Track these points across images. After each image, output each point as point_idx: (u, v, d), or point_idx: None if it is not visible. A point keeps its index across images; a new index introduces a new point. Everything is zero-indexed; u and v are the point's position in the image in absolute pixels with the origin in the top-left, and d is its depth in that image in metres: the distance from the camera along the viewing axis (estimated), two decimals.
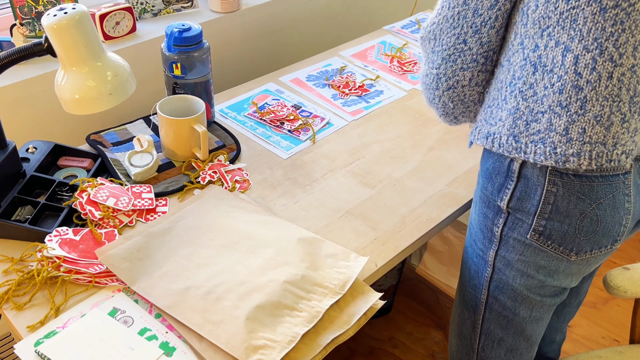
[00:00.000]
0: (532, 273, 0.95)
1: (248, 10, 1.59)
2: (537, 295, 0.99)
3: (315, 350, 0.86)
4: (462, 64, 0.88)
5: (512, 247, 0.95)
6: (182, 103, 1.22)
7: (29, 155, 1.14)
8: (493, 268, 0.99)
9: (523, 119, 0.84)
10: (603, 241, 0.89)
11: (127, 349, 0.84)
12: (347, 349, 1.80)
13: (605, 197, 0.86)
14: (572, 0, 0.76)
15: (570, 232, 0.88)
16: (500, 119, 0.87)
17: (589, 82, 0.78)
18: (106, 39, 1.37)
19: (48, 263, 0.95)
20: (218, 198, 1.10)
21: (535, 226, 0.90)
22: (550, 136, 0.82)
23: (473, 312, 1.08)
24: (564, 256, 0.91)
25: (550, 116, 0.82)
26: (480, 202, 0.98)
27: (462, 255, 1.10)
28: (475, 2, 0.84)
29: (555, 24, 0.78)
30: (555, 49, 0.79)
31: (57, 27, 0.89)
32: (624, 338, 1.90)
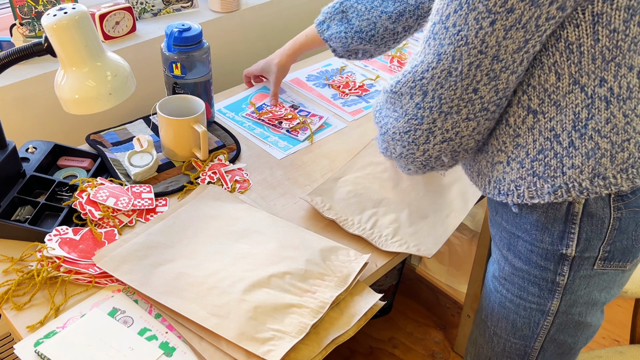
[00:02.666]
0: (596, 298, 0.91)
1: (248, 10, 1.59)
2: (595, 319, 0.94)
3: (315, 350, 0.86)
4: (467, 114, 0.77)
5: (578, 285, 0.88)
6: (182, 103, 1.22)
7: (28, 155, 1.14)
8: (556, 314, 0.92)
9: (607, 155, 0.77)
10: None
11: (127, 349, 0.84)
12: (347, 349, 1.80)
13: None
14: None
15: (629, 245, 0.86)
16: (572, 166, 0.78)
17: None
18: (106, 39, 1.37)
19: (48, 263, 0.95)
20: (215, 199, 1.10)
21: (602, 254, 0.85)
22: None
23: (520, 358, 0.99)
24: (620, 269, 0.88)
25: (637, 140, 0.77)
26: (532, 255, 0.88)
27: (490, 310, 0.99)
28: (495, 49, 0.71)
29: (627, 50, 0.72)
30: (629, 74, 0.73)
31: (56, 27, 0.89)
32: (624, 338, 1.90)
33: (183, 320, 0.88)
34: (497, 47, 0.71)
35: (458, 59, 0.73)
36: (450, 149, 0.82)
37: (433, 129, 0.79)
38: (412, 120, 0.80)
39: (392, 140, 0.85)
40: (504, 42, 0.70)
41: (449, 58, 0.73)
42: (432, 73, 0.75)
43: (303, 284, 0.92)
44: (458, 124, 0.78)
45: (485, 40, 0.70)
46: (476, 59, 0.72)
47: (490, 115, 0.78)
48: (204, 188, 1.13)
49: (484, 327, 1.01)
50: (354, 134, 1.33)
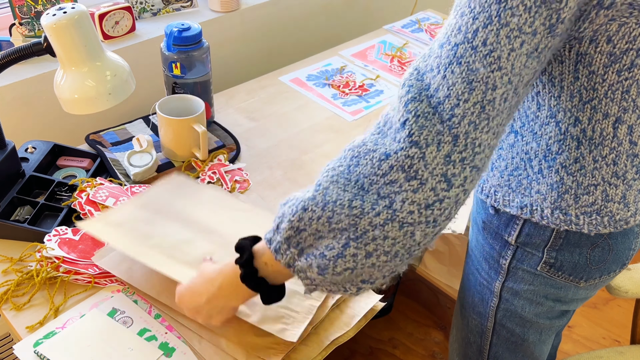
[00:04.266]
0: (541, 300, 0.93)
1: (248, 10, 1.59)
2: (545, 320, 0.96)
3: (315, 351, 0.86)
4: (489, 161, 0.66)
5: (521, 278, 0.91)
6: (182, 103, 1.22)
7: (28, 155, 1.14)
8: (500, 298, 0.96)
9: (571, 193, 0.78)
10: (612, 267, 0.88)
11: (126, 349, 0.84)
12: (347, 349, 1.80)
13: None
14: (624, 72, 0.69)
15: (581, 262, 0.86)
16: (538, 191, 0.81)
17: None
18: (105, 39, 1.36)
19: (47, 263, 0.95)
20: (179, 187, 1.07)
21: (547, 258, 0.86)
22: (607, 206, 0.79)
23: (479, 337, 1.04)
24: (573, 284, 0.89)
25: (605, 187, 0.77)
26: (485, 232, 0.93)
27: (462, 281, 1.06)
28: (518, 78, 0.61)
29: (603, 96, 0.71)
30: (603, 121, 0.73)
31: (56, 26, 0.89)
32: (624, 338, 1.90)
33: (183, 319, 0.87)
34: (519, 77, 0.60)
35: (492, 87, 0.59)
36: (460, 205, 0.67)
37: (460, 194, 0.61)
38: (440, 184, 0.60)
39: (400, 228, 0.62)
40: (524, 71, 0.60)
41: (482, 86, 0.59)
42: (464, 108, 0.60)
43: None
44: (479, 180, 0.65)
45: (514, 65, 0.59)
46: (506, 89, 0.60)
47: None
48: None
49: (459, 299, 1.07)
50: (353, 133, 1.33)
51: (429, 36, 1.73)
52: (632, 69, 0.68)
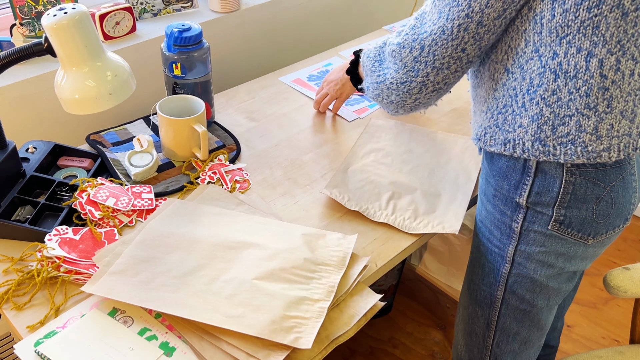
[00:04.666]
0: (552, 262, 0.98)
1: (248, 10, 1.59)
2: (555, 283, 1.01)
3: (315, 350, 0.86)
4: (456, 69, 0.91)
5: (533, 240, 0.96)
6: (182, 103, 1.22)
7: (28, 155, 1.14)
8: (512, 263, 1.01)
9: (549, 124, 0.86)
10: (616, 222, 0.94)
11: (126, 349, 0.84)
12: (347, 349, 1.80)
13: (617, 179, 0.89)
14: (593, 9, 0.78)
15: (588, 218, 0.91)
16: (520, 125, 0.89)
17: (614, 82, 0.82)
18: (106, 39, 1.37)
19: (48, 263, 0.95)
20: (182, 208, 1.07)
21: (556, 216, 0.92)
22: (580, 137, 0.85)
23: (488, 309, 1.09)
24: (581, 241, 0.94)
25: (578, 118, 0.84)
26: (495, 200, 0.99)
27: (472, 255, 1.10)
28: (479, 15, 0.84)
29: (576, 32, 0.80)
30: (577, 55, 0.81)
31: (57, 27, 0.89)
32: (624, 338, 1.90)
33: (183, 320, 0.88)
34: (480, 14, 0.84)
35: (451, 18, 0.85)
36: (438, 96, 0.97)
37: (426, 81, 0.93)
38: (410, 72, 0.93)
39: (388, 89, 0.98)
40: (486, 10, 0.83)
41: (444, 17, 0.86)
42: (432, 29, 0.88)
43: (306, 272, 0.94)
44: (448, 77, 0.92)
45: (471, 5, 0.83)
46: (464, 21, 0.85)
47: (474, 64, 0.92)
48: (204, 188, 1.13)
49: (467, 274, 1.13)
50: (353, 133, 1.33)
51: None
52: (600, 5, 0.78)
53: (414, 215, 1.10)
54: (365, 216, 1.10)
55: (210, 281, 0.92)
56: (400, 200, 1.13)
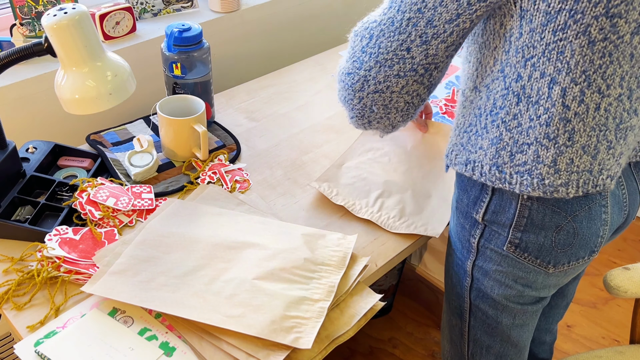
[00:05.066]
0: (510, 283, 0.95)
1: (248, 10, 1.59)
2: (516, 305, 0.98)
3: (315, 350, 0.86)
4: (398, 71, 0.82)
5: (489, 257, 0.94)
6: (182, 103, 1.22)
7: (29, 155, 1.14)
8: (472, 277, 0.99)
9: (507, 149, 0.82)
10: (580, 253, 0.89)
11: (127, 349, 0.84)
12: (347, 349, 1.80)
13: (581, 209, 0.85)
14: (559, 32, 0.73)
15: (546, 245, 0.88)
16: (481, 147, 0.85)
17: (577, 114, 0.77)
18: (106, 39, 1.37)
19: (48, 263, 0.95)
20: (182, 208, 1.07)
21: (512, 238, 0.89)
22: (538, 168, 0.81)
23: (459, 319, 1.07)
24: (541, 268, 0.91)
25: (537, 148, 0.80)
26: (457, 212, 0.97)
27: (445, 263, 1.09)
28: (431, 12, 0.77)
29: (541, 55, 0.75)
30: (540, 80, 0.76)
31: (57, 27, 0.89)
32: (624, 338, 1.90)
33: (183, 320, 0.87)
34: (432, 11, 0.77)
35: (402, 10, 0.79)
36: (381, 102, 0.86)
37: (368, 77, 0.84)
38: (355, 63, 0.85)
39: (340, 81, 0.89)
40: (439, 9, 0.76)
41: (395, 7, 0.79)
42: (382, 19, 0.81)
43: (306, 272, 0.94)
44: (389, 78, 0.83)
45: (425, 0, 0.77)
46: (414, 15, 0.78)
47: (418, 79, 0.83)
48: (204, 188, 1.13)
49: (445, 283, 1.11)
50: (353, 134, 1.33)
51: None
52: (565, 29, 0.72)
53: (399, 214, 1.10)
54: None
55: (210, 281, 0.92)
56: (388, 199, 1.13)
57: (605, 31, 0.72)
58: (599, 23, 0.71)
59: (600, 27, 0.71)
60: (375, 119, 0.90)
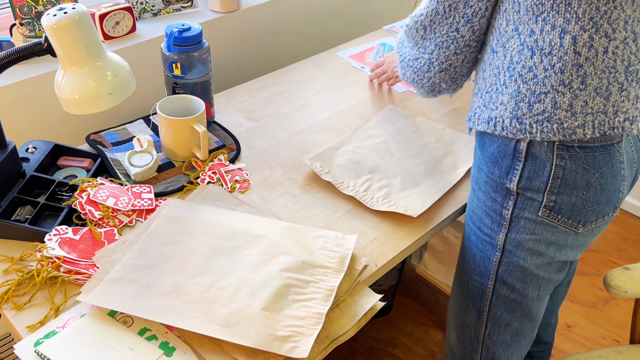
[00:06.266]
0: (542, 250, 0.98)
1: (248, 10, 1.59)
2: (545, 273, 1.02)
3: (315, 350, 0.86)
4: (455, 49, 0.94)
5: (523, 227, 0.97)
6: (182, 103, 1.22)
7: (28, 155, 1.14)
8: (502, 251, 1.02)
9: (525, 101, 0.88)
10: (606, 209, 0.94)
11: (126, 349, 0.84)
12: (347, 349, 1.80)
13: (606, 165, 0.90)
14: None
15: (578, 204, 0.92)
16: (501, 102, 0.91)
17: (587, 59, 0.84)
18: (106, 39, 1.37)
19: (48, 263, 0.95)
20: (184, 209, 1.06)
21: (546, 202, 0.93)
22: (556, 114, 0.86)
23: (479, 300, 1.09)
24: (572, 229, 0.95)
25: (553, 95, 0.86)
26: (487, 187, 1.00)
27: (463, 246, 1.11)
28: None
29: (550, 9, 0.82)
30: (551, 32, 0.83)
31: (56, 27, 0.89)
32: (624, 338, 1.90)
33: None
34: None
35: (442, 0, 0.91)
36: (448, 77, 1.00)
37: (432, 59, 0.98)
38: (420, 49, 0.99)
39: (407, 66, 1.02)
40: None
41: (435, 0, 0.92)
42: (427, 11, 0.94)
43: (303, 275, 0.93)
44: (450, 57, 0.96)
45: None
46: (453, 1, 0.90)
47: (473, 50, 0.95)
48: (203, 188, 1.13)
49: (458, 266, 1.14)
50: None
51: None
52: None
53: (384, 196, 1.13)
54: (368, 218, 1.10)
55: (206, 289, 0.91)
56: (377, 182, 1.16)
57: None
58: None
59: None
60: (445, 89, 1.03)
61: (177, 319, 0.86)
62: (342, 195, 1.15)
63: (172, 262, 0.95)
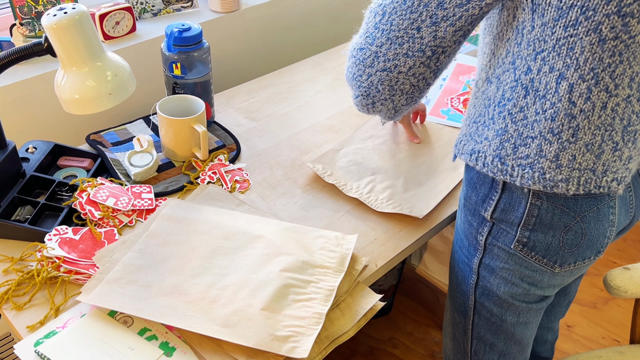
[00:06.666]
0: (516, 281, 0.95)
1: (248, 10, 1.59)
2: (522, 303, 0.98)
3: (315, 350, 0.86)
4: (407, 50, 0.82)
5: (496, 255, 0.94)
6: (182, 103, 1.22)
7: (28, 155, 1.14)
8: (478, 275, 0.99)
9: (511, 142, 0.83)
10: (587, 253, 0.90)
11: (126, 349, 0.84)
12: (347, 349, 1.80)
13: (590, 210, 0.85)
14: (569, 28, 0.73)
15: (554, 245, 0.88)
16: (486, 137, 0.86)
17: (582, 111, 0.77)
18: (106, 39, 1.37)
19: (48, 263, 0.95)
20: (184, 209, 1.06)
21: (519, 237, 0.89)
22: (540, 162, 0.81)
23: (463, 316, 1.08)
24: (547, 268, 0.91)
25: (540, 142, 0.81)
26: (465, 209, 0.98)
27: (450, 260, 1.09)
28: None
29: (551, 50, 0.76)
30: (549, 74, 0.77)
31: (56, 27, 0.89)
32: (624, 338, 1.90)
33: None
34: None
35: None
36: (388, 82, 0.86)
37: (378, 53, 0.84)
38: (368, 39, 0.85)
39: (351, 56, 0.89)
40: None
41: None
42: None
43: (303, 275, 0.93)
44: (398, 56, 0.82)
45: None
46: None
47: (425, 60, 0.82)
48: (203, 188, 1.13)
49: (449, 281, 1.11)
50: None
51: None
52: (576, 26, 0.73)
53: (388, 197, 1.13)
54: (368, 218, 1.10)
55: (206, 289, 0.91)
56: (380, 184, 1.16)
57: (616, 30, 0.71)
58: (611, 21, 0.71)
59: (612, 26, 0.71)
60: (379, 100, 0.89)
61: (178, 319, 0.86)
62: (342, 196, 1.15)
63: (172, 262, 0.95)
